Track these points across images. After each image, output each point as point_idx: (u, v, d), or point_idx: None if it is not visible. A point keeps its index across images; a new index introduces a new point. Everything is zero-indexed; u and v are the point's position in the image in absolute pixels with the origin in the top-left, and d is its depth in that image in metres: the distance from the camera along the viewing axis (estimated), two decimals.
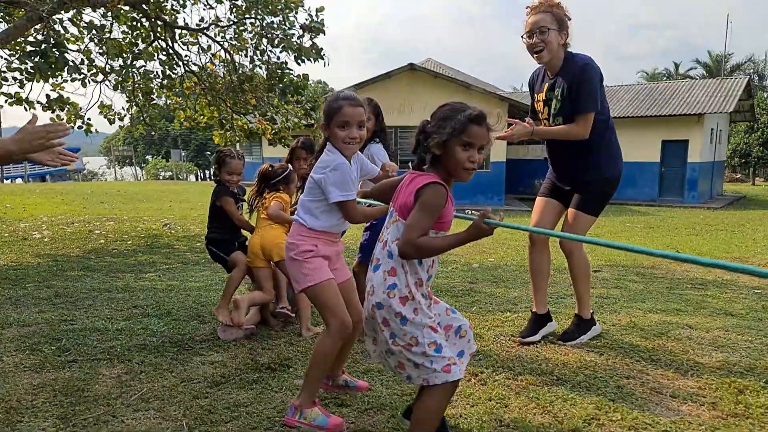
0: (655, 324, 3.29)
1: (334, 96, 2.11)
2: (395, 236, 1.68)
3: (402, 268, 1.67)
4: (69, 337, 2.95)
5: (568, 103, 2.78)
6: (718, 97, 18.29)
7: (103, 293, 4.11)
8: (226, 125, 8.77)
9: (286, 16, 7.47)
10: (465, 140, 1.61)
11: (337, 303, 2.05)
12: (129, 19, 7.55)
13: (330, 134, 2.09)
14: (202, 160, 45.10)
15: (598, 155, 2.85)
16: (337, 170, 2.02)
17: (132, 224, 9.51)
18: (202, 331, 3.13)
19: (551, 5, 2.75)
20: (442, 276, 4.97)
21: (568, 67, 2.79)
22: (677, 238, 9.26)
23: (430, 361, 1.64)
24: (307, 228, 2.10)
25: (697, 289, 4.46)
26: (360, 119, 2.06)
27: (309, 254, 2.07)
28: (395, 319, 1.66)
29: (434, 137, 1.63)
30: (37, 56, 5.48)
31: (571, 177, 2.95)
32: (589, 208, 2.89)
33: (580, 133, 2.74)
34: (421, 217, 1.60)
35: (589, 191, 2.89)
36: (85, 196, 16.24)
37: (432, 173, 1.66)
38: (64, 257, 6.02)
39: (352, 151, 2.11)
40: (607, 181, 2.90)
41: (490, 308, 3.67)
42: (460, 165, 1.63)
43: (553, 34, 2.73)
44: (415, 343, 1.64)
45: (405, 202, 1.67)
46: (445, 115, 1.64)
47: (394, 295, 1.66)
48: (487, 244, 7.73)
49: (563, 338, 2.93)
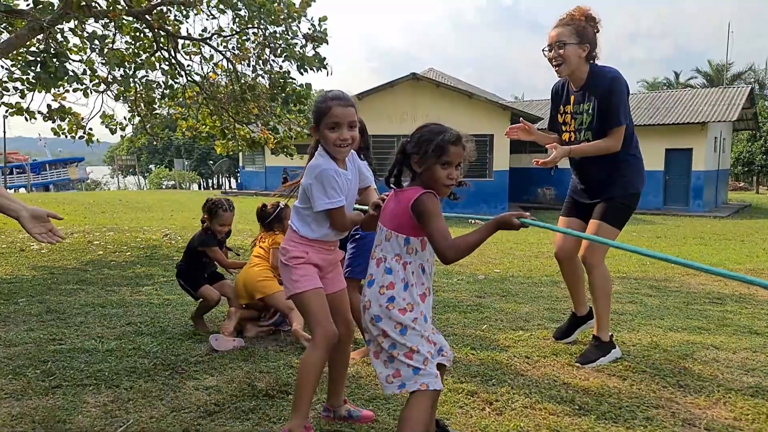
0: (678, 344, 3.11)
1: (323, 96, 2.00)
2: (395, 251, 1.76)
3: (402, 282, 1.74)
4: (55, 359, 2.79)
5: (599, 118, 2.74)
6: (722, 105, 18.18)
7: (97, 309, 3.96)
8: (228, 135, 8.66)
9: (288, 26, 7.38)
10: (444, 159, 1.74)
11: (321, 312, 1.97)
12: (132, 29, 7.47)
13: (320, 136, 1.98)
14: (205, 170, 45.15)
15: (627, 169, 2.81)
16: (322, 177, 1.92)
17: (132, 234, 9.37)
18: (197, 351, 2.96)
19: (574, 18, 2.71)
20: (448, 289, 4.79)
21: (596, 80, 2.76)
22: (685, 247, 9.08)
23: (431, 368, 1.73)
24: (299, 236, 2.02)
25: (716, 304, 4.27)
26: (351, 119, 1.95)
27: (298, 261, 1.99)
28: (395, 330, 1.72)
29: (415, 156, 1.76)
30: (36, 66, 5.38)
31: (598, 191, 2.88)
32: (612, 219, 2.80)
33: (613, 147, 2.72)
34: (437, 224, 1.71)
35: (614, 203, 2.82)
36: (86, 205, 16.14)
37: (416, 186, 1.77)
38: (60, 269, 5.88)
39: (344, 154, 2.00)
40: (632, 195, 2.85)
41: (501, 326, 3.49)
42: (440, 182, 1.76)
43: (571, 48, 2.70)
44: (417, 350, 1.71)
45: (401, 220, 1.75)
46: (424, 137, 1.77)
47: (393, 307, 1.73)
48: (492, 254, 7.57)
49: (581, 360, 2.77)
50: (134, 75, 7.35)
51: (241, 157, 25.61)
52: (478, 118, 15.51)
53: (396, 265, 1.74)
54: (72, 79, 5.64)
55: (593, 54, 2.77)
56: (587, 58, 2.75)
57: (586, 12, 2.73)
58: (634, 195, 2.84)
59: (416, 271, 1.75)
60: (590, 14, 2.74)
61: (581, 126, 2.83)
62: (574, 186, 3.08)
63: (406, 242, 1.75)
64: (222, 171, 41.38)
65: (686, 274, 5.90)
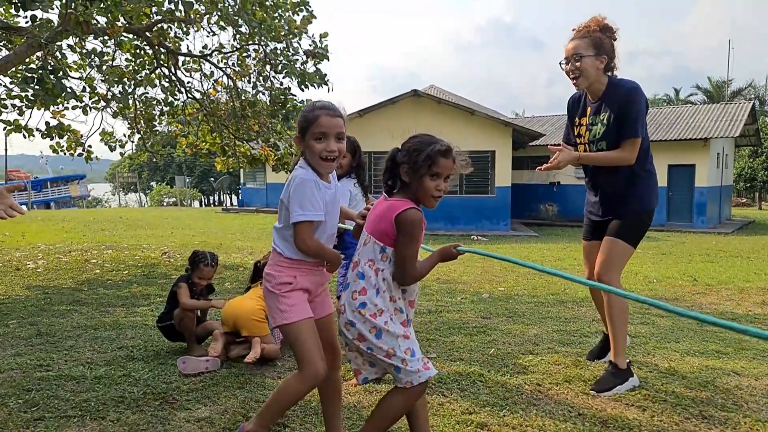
0: (697, 370, 2.95)
1: (310, 105, 1.90)
2: (369, 257, 1.79)
3: (374, 288, 1.77)
4: (40, 387, 2.64)
5: (614, 128, 2.65)
6: (724, 121, 18.17)
7: (89, 331, 3.81)
8: (229, 152, 8.59)
9: (289, 43, 7.36)
10: (434, 171, 1.74)
11: (312, 346, 1.84)
12: (132, 46, 7.45)
13: (305, 148, 1.85)
14: (206, 187, 45.16)
15: (641, 185, 2.72)
16: (300, 187, 1.78)
17: (130, 252, 9.25)
18: (190, 378, 2.81)
19: (590, 30, 2.65)
20: (452, 309, 4.65)
21: (614, 92, 2.68)
22: (692, 265, 8.92)
23: (410, 366, 1.76)
24: (285, 257, 1.87)
25: None
26: (339, 131, 1.83)
27: (287, 288, 1.85)
28: (370, 334, 1.76)
29: (404, 166, 1.76)
30: (34, 83, 5.32)
31: (612, 206, 2.78)
32: (626, 235, 2.69)
33: (626, 159, 2.63)
34: (412, 247, 1.75)
35: (628, 219, 2.72)
36: (86, 223, 16.04)
37: (404, 198, 1.77)
38: (55, 289, 5.75)
39: (330, 168, 1.87)
40: (646, 212, 2.75)
41: (509, 349, 3.34)
42: (428, 193, 1.76)
43: (588, 60, 2.64)
44: (393, 353, 1.76)
45: (384, 229, 1.76)
46: (415, 147, 1.76)
47: (365, 312, 1.76)
48: (495, 272, 7.44)
49: (597, 388, 2.62)
50: (133, 92, 7.31)
51: (242, 173, 25.60)
52: (480, 135, 15.47)
53: (369, 270, 1.77)
54: (69, 96, 5.57)
55: (612, 65, 2.70)
56: (605, 70, 2.69)
57: (602, 22, 2.66)
58: (649, 212, 2.75)
59: (387, 279, 1.78)
60: (606, 24, 2.67)
61: (595, 137, 2.75)
62: (588, 202, 2.99)
63: (381, 250, 1.77)
64: (223, 188, 41.41)
65: (697, 292, 5.75)
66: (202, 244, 10.76)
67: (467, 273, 7.33)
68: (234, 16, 6.59)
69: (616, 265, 2.68)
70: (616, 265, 2.68)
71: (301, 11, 7.32)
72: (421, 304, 4.95)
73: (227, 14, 6.53)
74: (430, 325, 4.00)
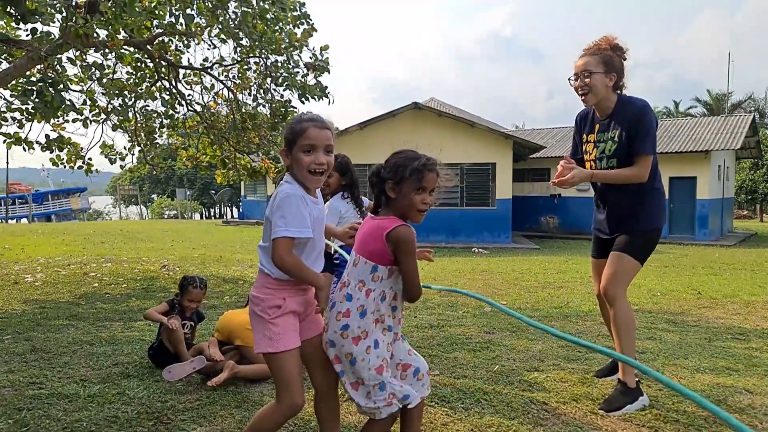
0: (708, 388, 2.87)
1: (297, 117, 1.84)
2: (360, 278, 1.78)
3: (358, 310, 1.77)
4: (32, 406, 2.57)
5: (626, 146, 2.64)
6: (725, 133, 18.19)
7: (85, 347, 3.74)
8: (229, 164, 8.57)
9: (290, 55, 7.37)
10: (420, 185, 1.76)
11: (294, 378, 1.76)
12: (133, 59, 7.47)
13: (292, 161, 1.79)
14: (207, 199, 45.19)
15: (651, 202, 2.70)
16: (286, 200, 1.71)
17: (130, 265, 9.18)
18: (186, 396, 2.74)
19: (601, 48, 2.66)
20: (455, 324, 4.57)
21: (624, 109, 2.67)
22: (695, 278, 8.83)
23: (373, 401, 1.78)
24: (273, 278, 1.78)
25: (740, 341, 4.03)
26: (328, 143, 1.78)
27: (276, 313, 1.76)
28: (345, 360, 1.78)
29: (390, 182, 1.77)
30: (33, 95, 5.31)
31: (620, 223, 2.74)
32: (634, 251, 2.66)
33: (640, 176, 2.62)
34: (413, 263, 1.76)
35: (637, 236, 2.68)
36: (86, 236, 15.98)
37: (391, 215, 1.78)
38: (52, 303, 5.68)
39: (318, 182, 1.80)
40: (655, 230, 2.72)
41: (514, 366, 3.25)
42: (414, 207, 1.78)
43: (597, 77, 2.64)
44: (362, 383, 1.77)
45: (375, 248, 1.76)
46: (400, 163, 1.78)
47: (346, 335, 1.76)
48: (497, 285, 7.36)
49: (606, 407, 2.55)
50: (134, 104, 7.30)
51: (243, 186, 25.58)
52: (481, 147, 15.48)
53: (357, 292, 1.77)
54: (69, 109, 5.56)
55: (621, 84, 2.71)
56: (614, 88, 2.70)
57: (613, 41, 2.68)
58: (657, 230, 2.72)
59: (377, 299, 1.77)
60: (617, 44, 2.68)
61: (603, 154, 2.73)
62: (595, 218, 2.95)
63: (373, 270, 1.77)
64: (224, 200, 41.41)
65: (702, 306, 5.67)
66: (202, 257, 10.69)
67: (468, 286, 7.25)
68: (235, 29, 6.60)
69: (623, 280, 2.64)
70: (623, 280, 2.64)
71: (302, 24, 7.34)
72: (423, 318, 4.88)
73: (228, 27, 6.54)
74: (432, 341, 3.92)
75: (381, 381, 1.76)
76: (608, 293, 2.63)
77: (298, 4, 7.25)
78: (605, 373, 2.99)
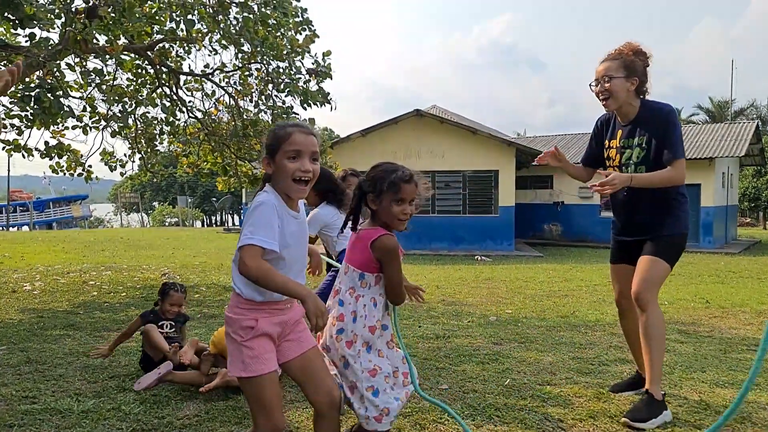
0: (730, 403, 2.74)
1: (281, 124, 1.76)
2: (350, 285, 1.88)
3: (351, 314, 1.84)
4: (23, 422, 2.46)
5: (654, 152, 2.60)
6: (728, 141, 18.11)
7: (81, 358, 3.64)
8: (230, 171, 8.49)
9: (292, 61, 7.31)
10: (398, 197, 1.83)
11: (271, 402, 1.65)
12: (134, 66, 7.41)
13: (276, 169, 1.68)
14: (209, 207, 45.16)
15: (678, 208, 2.65)
16: (258, 208, 1.61)
17: (130, 273, 9.09)
18: (184, 411, 2.63)
19: (622, 53, 2.63)
20: (461, 334, 4.45)
21: (648, 115, 2.63)
22: (702, 286, 8.70)
23: (365, 407, 1.81)
24: (243, 298, 1.66)
25: (755, 353, 3.91)
26: (314, 150, 1.69)
27: (248, 334, 1.64)
28: (339, 363, 1.85)
29: (370, 195, 1.86)
30: (31, 101, 5.24)
31: (647, 229, 2.68)
32: (665, 255, 2.60)
33: (678, 178, 2.58)
34: (397, 269, 1.85)
35: (665, 240, 2.63)
36: (86, 243, 15.90)
37: (375, 226, 1.86)
38: (50, 312, 5.58)
39: (302, 192, 1.69)
40: (682, 235, 2.67)
41: (525, 380, 3.14)
42: (395, 217, 1.85)
43: (618, 82, 2.60)
44: (355, 386, 1.83)
45: (362, 257, 1.86)
46: (379, 176, 1.86)
47: (341, 339, 1.84)
48: (501, 293, 7.25)
49: (630, 416, 2.46)
50: (134, 111, 7.23)
51: (244, 193, 25.53)
52: (483, 154, 15.40)
53: (349, 297, 1.86)
54: (67, 115, 5.48)
55: (644, 89, 2.67)
56: (637, 93, 2.66)
57: (636, 47, 2.65)
58: (684, 235, 2.67)
59: (368, 305, 1.85)
60: (640, 48, 2.65)
61: (629, 161, 2.69)
62: (616, 224, 2.88)
63: (360, 277, 1.85)
64: (225, 208, 41.37)
65: (713, 316, 5.55)
66: (203, 265, 10.59)
67: (472, 294, 7.14)
68: (236, 35, 6.54)
69: (655, 283, 2.57)
70: (655, 284, 2.57)
71: (303, 30, 7.29)
72: (428, 328, 4.76)
73: (229, 33, 6.48)
74: (438, 352, 3.81)
75: (373, 384, 1.81)
76: (641, 298, 2.56)
77: (300, 9, 7.20)
78: (622, 388, 2.89)
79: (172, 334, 3.35)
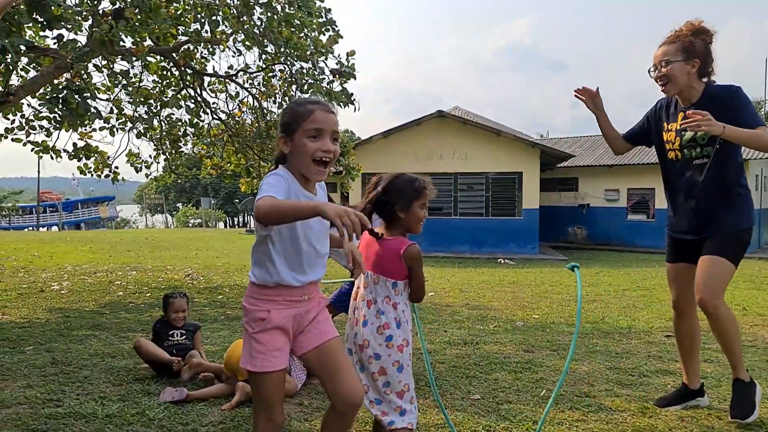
0: None
1: (299, 100, 1.65)
2: (385, 294, 1.95)
3: (395, 321, 1.93)
4: (47, 426, 2.42)
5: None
6: None
7: (106, 359, 3.62)
8: (253, 172, 8.49)
9: (316, 62, 7.27)
10: (423, 201, 1.98)
11: (272, 400, 1.63)
12: (159, 68, 7.47)
13: (293, 148, 1.58)
14: (231, 208, 45.71)
15: (740, 202, 2.50)
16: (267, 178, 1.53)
17: (154, 274, 9.17)
18: (209, 418, 2.56)
19: (680, 35, 2.49)
20: (489, 341, 4.31)
21: (713, 95, 2.49)
22: (737, 292, 8.35)
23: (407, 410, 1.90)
24: (257, 285, 1.61)
25: None
26: (335, 128, 1.59)
27: (259, 326, 1.60)
28: (393, 368, 1.89)
29: (398, 204, 1.96)
30: (58, 103, 5.29)
31: (708, 224, 2.53)
32: (728, 253, 2.45)
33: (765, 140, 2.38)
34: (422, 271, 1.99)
35: (728, 236, 2.48)
36: (113, 244, 16.18)
37: (396, 235, 1.98)
38: (76, 312, 5.62)
39: (322, 174, 1.59)
40: (745, 230, 2.51)
41: (561, 391, 2.97)
42: (420, 220, 2.00)
43: (676, 66, 2.47)
44: (407, 389, 1.90)
45: (389, 267, 1.95)
46: (403, 186, 1.98)
47: (392, 345, 1.90)
48: (527, 297, 7.06)
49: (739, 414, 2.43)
50: (159, 112, 7.28)
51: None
52: (507, 156, 15.15)
53: (387, 306, 1.93)
54: (94, 116, 5.52)
55: (709, 70, 2.52)
56: (700, 75, 2.51)
57: (696, 26, 2.49)
58: (748, 230, 2.51)
59: (406, 310, 1.96)
60: (702, 27, 2.49)
61: (694, 142, 2.52)
62: (672, 221, 2.73)
63: (394, 285, 1.95)
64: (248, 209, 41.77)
65: (753, 324, 5.28)
66: (226, 266, 10.64)
67: (497, 298, 6.97)
68: (260, 36, 6.52)
69: (720, 286, 2.41)
70: (720, 286, 2.41)
71: (327, 31, 7.24)
72: (454, 332, 4.63)
73: (253, 34, 6.46)
74: (468, 359, 3.67)
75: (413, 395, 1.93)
76: (706, 303, 2.39)
77: (323, 10, 7.15)
78: (669, 402, 2.72)
79: (184, 342, 3.35)
